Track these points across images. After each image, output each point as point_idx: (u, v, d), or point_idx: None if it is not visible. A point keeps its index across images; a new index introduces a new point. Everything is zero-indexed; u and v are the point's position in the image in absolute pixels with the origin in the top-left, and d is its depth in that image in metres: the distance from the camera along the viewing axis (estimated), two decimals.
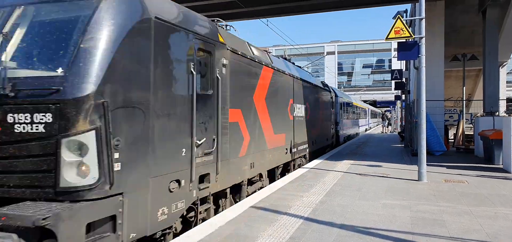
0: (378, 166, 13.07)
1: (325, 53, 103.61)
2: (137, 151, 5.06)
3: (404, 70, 26.82)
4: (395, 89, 32.43)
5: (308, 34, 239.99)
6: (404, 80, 25.46)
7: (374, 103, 78.03)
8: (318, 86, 17.31)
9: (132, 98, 4.96)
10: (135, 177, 5.00)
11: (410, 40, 10.73)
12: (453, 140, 20.82)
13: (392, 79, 25.47)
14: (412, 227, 6.01)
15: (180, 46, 6.01)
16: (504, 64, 29.22)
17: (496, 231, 5.82)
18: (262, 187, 9.81)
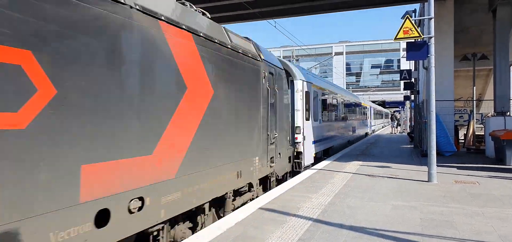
0: (387, 167, 12.99)
1: (333, 53, 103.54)
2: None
3: (413, 70, 26.66)
4: (404, 89, 32.22)
5: (316, 34, 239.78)
6: (413, 80, 25.31)
7: (383, 103, 77.67)
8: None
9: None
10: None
11: (419, 40, 10.65)
12: (464, 141, 20.65)
13: (401, 79, 25.31)
14: (422, 229, 5.95)
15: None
16: None
17: (508, 233, 5.75)
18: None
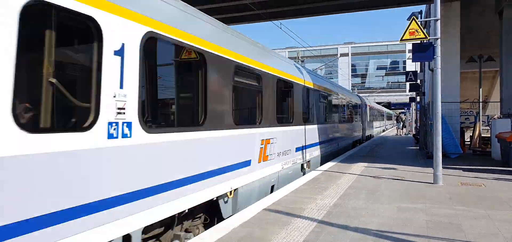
0: (393, 169, 12.95)
1: (339, 55, 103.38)
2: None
3: (419, 72, 26.55)
4: (410, 91, 32.11)
5: (322, 36, 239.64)
6: (419, 82, 25.22)
7: (388, 105, 77.46)
8: None
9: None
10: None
11: (425, 41, 10.61)
12: (470, 142, 20.54)
13: (407, 81, 25.22)
14: (428, 231, 5.93)
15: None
16: None
17: None
18: None
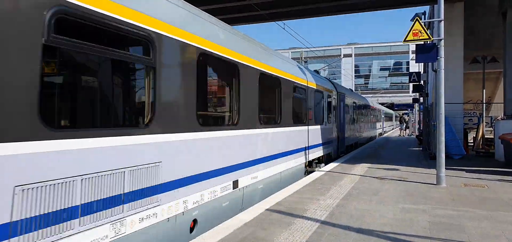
0: (396, 169, 12.93)
1: (342, 55, 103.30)
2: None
3: (422, 72, 26.53)
4: (413, 92, 32.08)
5: (325, 36, 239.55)
6: (422, 83, 25.20)
7: (392, 106, 77.32)
8: None
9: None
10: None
11: (429, 42, 10.60)
12: (473, 144, 20.49)
13: (410, 82, 25.21)
14: (431, 232, 5.92)
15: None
16: None
17: None
18: None
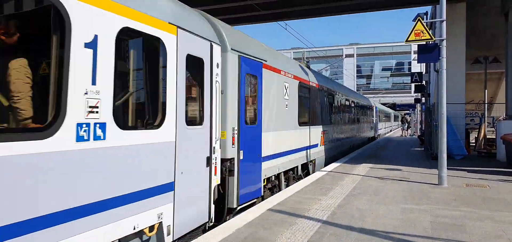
0: (398, 170, 12.93)
1: (344, 56, 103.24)
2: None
3: (424, 73, 26.47)
4: (415, 92, 32.04)
5: (327, 36, 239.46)
6: (424, 83, 25.14)
7: (394, 106, 77.22)
8: None
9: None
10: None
11: (431, 42, 10.60)
12: (474, 144, 20.45)
13: (412, 82, 25.14)
14: (433, 232, 5.92)
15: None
16: None
17: None
18: None
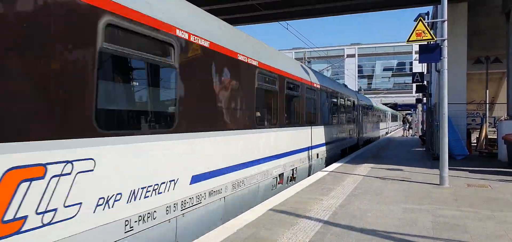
0: (399, 170, 12.92)
1: (345, 56, 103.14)
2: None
3: (426, 73, 26.44)
4: (416, 92, 32.02)
5: (328, 36, 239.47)
6: (425, 83, 25.12)
7: (395, 106, 77.18)
8: None
9: None
10: None
11: (432, 42, 10.59)
12: (476, 144, 20.44)
13: (413, 82, 25.13)
14: (434, 232, 5.92)
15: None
16: None
17: None
18: None
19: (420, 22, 10.17)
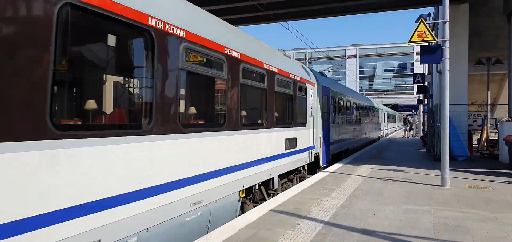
0: (400, 171, 12.91)
1: (347, 56, 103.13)
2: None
3: (427, 74, 26.45)
4: (417, 93, 32.00)
5: (329, 37, 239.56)
6: (427, 84, 25.13)
7: (396, 107, 77.16)
8: None
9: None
10: None
11: (433, 43, 10.59)
12: (477, 145, 20.42)
13: (415, 83, 25.15)
14: (435, 233, 5.92)
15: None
16: None
17: None
18: None
19: (422, 23, 10.17)
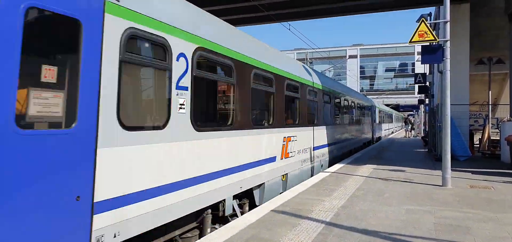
0: (401, 171, 12.90)
1: (347, 56, 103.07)
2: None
3: (428, 74, 26.42)
4: (419, 93, 31.96)
5: (330, 37, 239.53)
6: (428, 84, 25.10)
7: (397, 107, 77.11)
8: None
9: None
10: None
11: (434, 43, 10.58)
12: (478, 145, 20.40)
13: (416, 83, 25.11)
14: (436, 234, 5.91)
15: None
16: None
17: None
18: None
19: (423, 23, 10.16)
